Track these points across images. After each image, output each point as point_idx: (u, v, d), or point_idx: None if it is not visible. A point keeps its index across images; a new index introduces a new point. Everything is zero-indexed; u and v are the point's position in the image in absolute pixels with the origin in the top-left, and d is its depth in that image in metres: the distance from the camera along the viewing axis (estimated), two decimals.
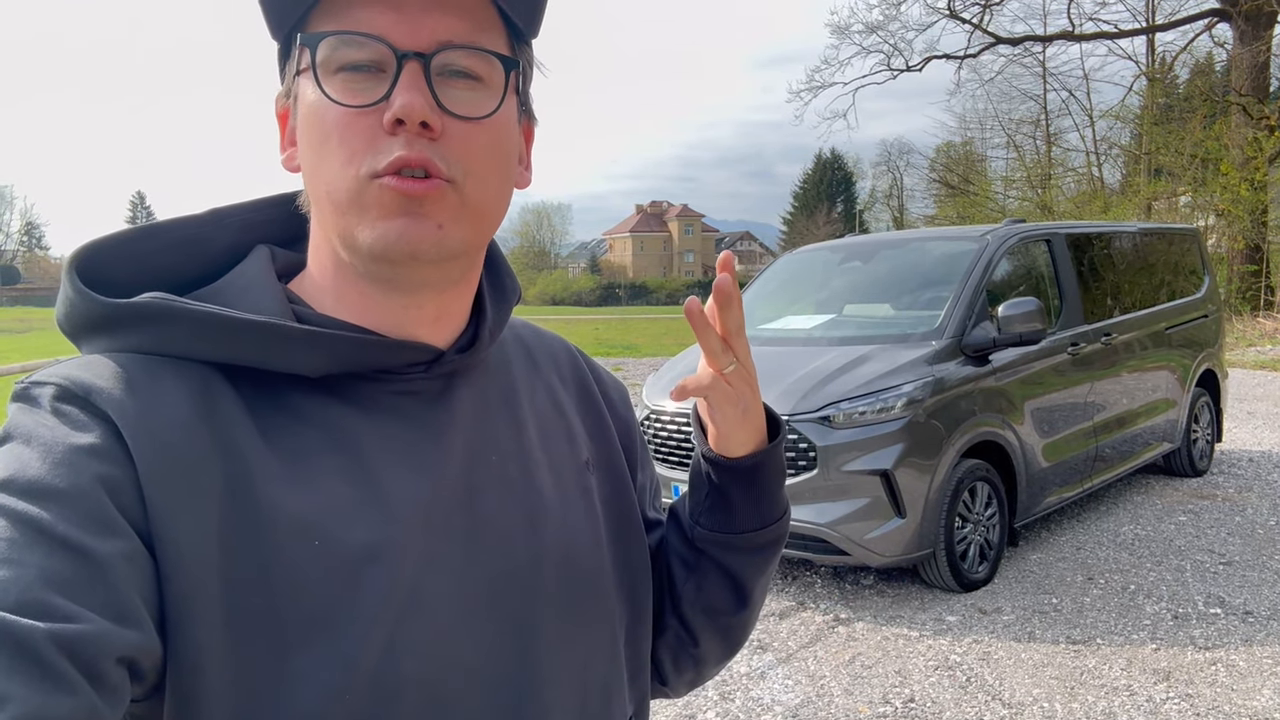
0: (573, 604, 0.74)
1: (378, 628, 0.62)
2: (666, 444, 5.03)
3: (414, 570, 0.65)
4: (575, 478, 0.80)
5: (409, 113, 0.62)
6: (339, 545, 0.62)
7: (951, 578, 4.59)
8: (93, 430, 0.58)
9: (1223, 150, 19.11)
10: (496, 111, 0.66)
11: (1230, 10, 19.04)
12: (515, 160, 0.72)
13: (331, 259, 0.70)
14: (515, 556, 0.72)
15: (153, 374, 0.63)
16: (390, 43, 0.62)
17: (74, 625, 0.50)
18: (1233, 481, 6.66)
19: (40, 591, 0.50)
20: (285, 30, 0.67)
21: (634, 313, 46.72)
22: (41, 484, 0.55)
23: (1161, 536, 5.42)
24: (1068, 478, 5.42)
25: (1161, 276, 6.86)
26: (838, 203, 76.75)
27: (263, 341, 0.65)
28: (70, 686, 0.49)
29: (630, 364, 16.90)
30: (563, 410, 0.84)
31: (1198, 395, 6.87)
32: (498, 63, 0.66)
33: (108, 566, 0.54)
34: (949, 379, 4.68)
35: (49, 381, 0.61)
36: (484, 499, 0.72)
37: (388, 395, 0.70)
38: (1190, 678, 3.63)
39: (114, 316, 0.65)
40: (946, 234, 6.32)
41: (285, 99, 0.70)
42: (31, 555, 0.51)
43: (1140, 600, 4.46)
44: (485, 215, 0.69)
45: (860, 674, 3.79)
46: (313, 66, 0.64)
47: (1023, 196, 29.93)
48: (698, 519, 0.85)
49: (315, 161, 0.66)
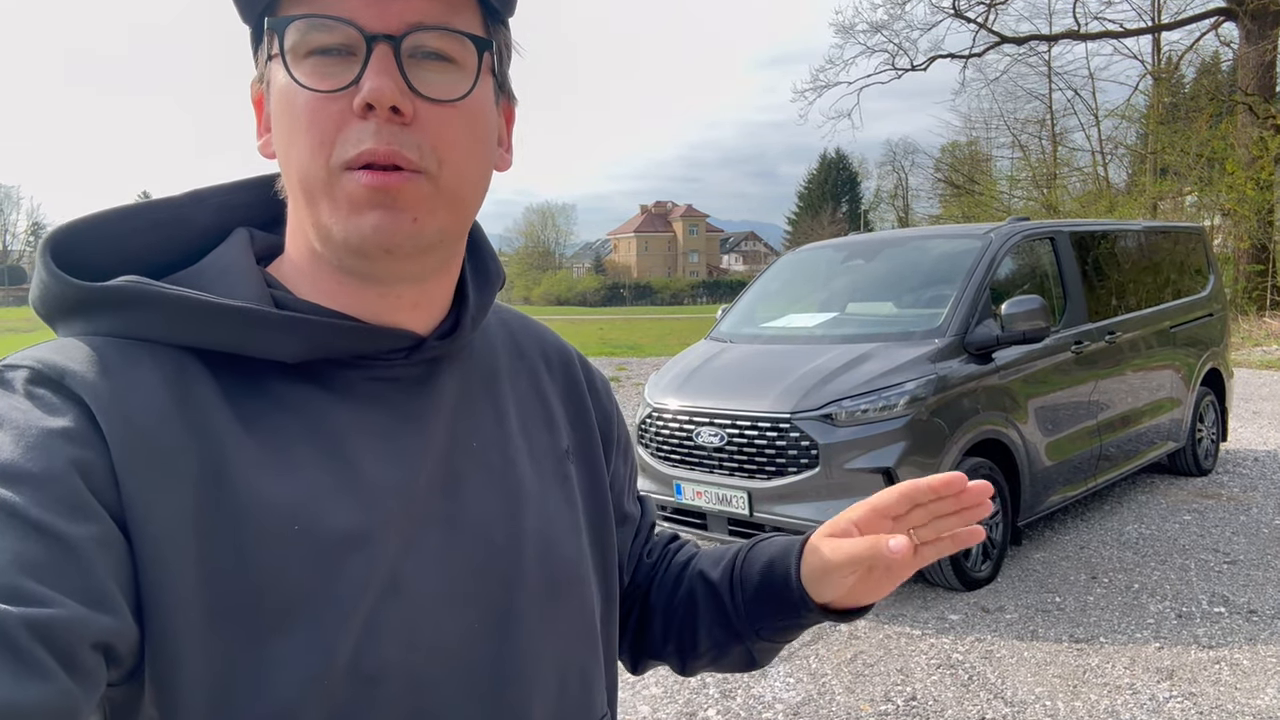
0: (552, 591, 0.74)
1: (356, 615, 0.62)
2: (669, 442, 5.02)
3: (393, 557, 0.65)
4: (555, 465, 0.80)
5: (379, 97, 0.61)
6: (318, 532, 0.62)
7: (954, 576, 4.58)
8: (66, 414, 0.57)
9: (1229, 150, 19.04)
10: (470, 93, 0.65)
11: (1236, 9, 18.96)
12: (494, 142, 0.71)
13: (307, 246, 0.69)
14: (495, 543, 0.71)
15: (128, 357, 0.62)
16: (359, 25, 0.61)
17: (47, 610, 0.49)
18: (1238, 481, 6.64)
19: (13, 576, 0.49)
20: (256, 14, 0.66)
21: (638, 313, 46.73)
22: (13, 467, 0.54)
23: (1166, 535, 5.40)
24: (1071, 476, 5.40)
25: (1166, 275, 6.83)
26: (843, 202, 76.67)
27: (240, 326, 0.64)
28: (44, 672, 0.48)
29: (634, 363, 16.91)
30: (545, 398, 0.84)
31: (1203, 394, 6.85)
32: (470, 44, 0.65)
33: (81, 551, 0.53)
34: (952, 377, 4.67)
35: (21, 365, 0.60)
36: (465, 486, 0.71)
37: (367, 382, 0.69)
38: (1194, 676, 3.61)
39: (88, 300, 0.64)
40: (949, 232, 6.31)
41: (259, 84, 0.69)
42: (3, 539, 0.51)
43: (1144, 599, 4.44)
44: (462, 203, 0.68)
45: (862, 672, 3.78)
46: (281, 51, 0.63)
47: (1028, 196, 29.85)
48: (759, 630, 0.86)
49: (286, 147, 0.65)
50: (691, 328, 27.38)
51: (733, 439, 4.68)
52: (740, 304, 6.35)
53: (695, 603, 0.90)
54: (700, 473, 4.84)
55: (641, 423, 5.25)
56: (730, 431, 4.69)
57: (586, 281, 74.01)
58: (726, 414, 4.74)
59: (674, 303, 65.13)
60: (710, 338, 5.98)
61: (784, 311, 6.13)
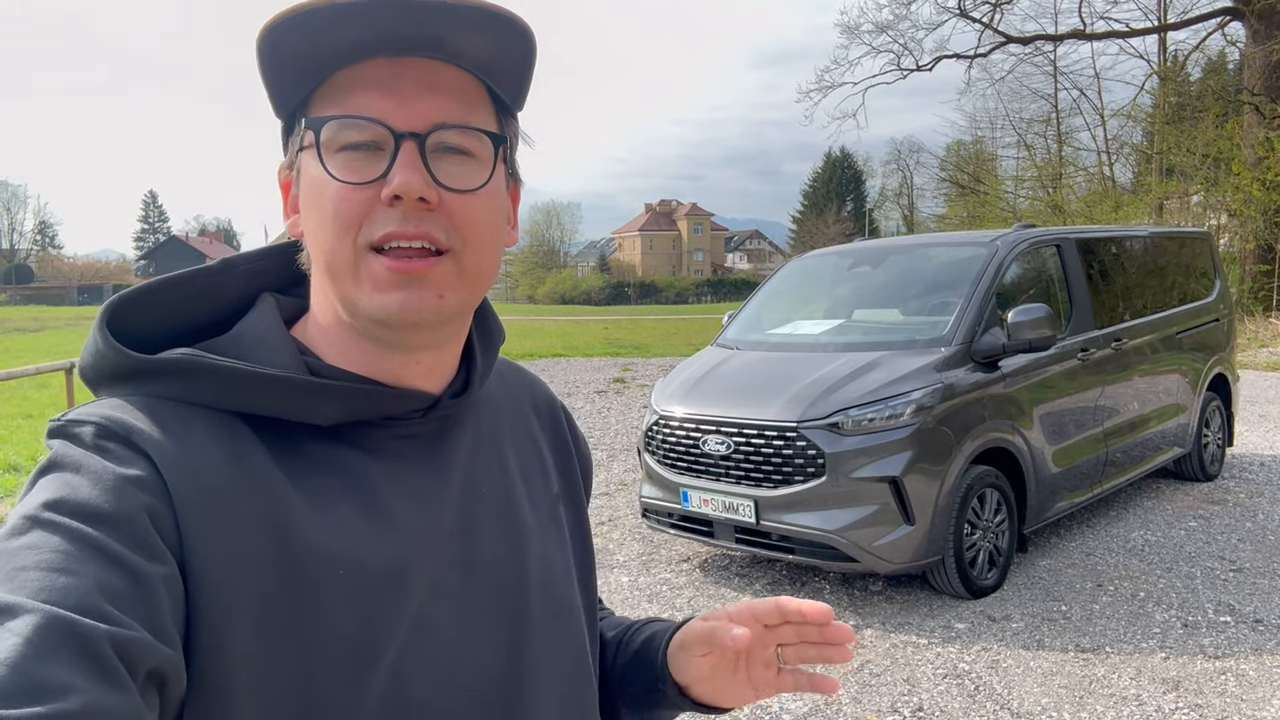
0: (553, 626, 0.81)
1: (388, 653, 0.67)
2: (675, 449, 5.04)
3: (421, 598, 0.71)
4: (549, 508, 0.87)
5: (407, 189, 0.67)
6: (360, 576, 0.67)
7: (960, 584, 4.59)
8: (136, 464, 0.63)
9: (1235, 150, 18.97)
10: (488, 184, 0.72)
11: (1243, 9, 18.90)
12: (505, 223, 0.77)
13: (333, 317, 0.74)
14: (505, 583, 0.78)
15: (184, 419, 0.67)
16: (388, 125, 0.68)
17: (126, 631, 0.54)
18: (1244, 486, 6.64)
19: (97, 599, 0.54)
20: (289, 110, 0.73)
21: (643, 312, 46.68)
22: (93, 505, 0.59)
23: (1172, 543, 5.41)
24: (1077, 483, 5.41)
25: (1172, 280, 6.84)
26: (847, 201, 76.62)
27: (282, 394, 0.70)
28: (123, 685, 0.52)
29: (639, 364, 16.90)
30: (538, 445, 0.91)
31: (1209, 399, 6.85)
32: (486, 139, 0.72)
33: (150, 586, 0.58)
34: (958, 385, 4.68)
35: (88, 420, 0.65)
36: (478, 531, 0.78)
37: (391, 439, 0.75)
38: (1200, 687, 3.63)
39: (144, 369, 0.69)
40: (956, 239, 6.32)
41: (288, 170, 0.75)
42: (86, 566, 0.56)
43: (1150, 608, 4.45)
44: (480, 279, 0.74)
45: (869, 682, 3.80)
46: (316, 146, 0.69)
47: (1033, 196, 29.78)
48: (625, 698, 0.94)
49: (316, 231, 0.71)
50: (696, 327, 27.39)
51: (739, 447, 4.70)
52: (746, 310, 6.36)
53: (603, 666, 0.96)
54: (707, 480, 4.85)
55: (648, 430, 5.27)
56: (737, 439, 4.71)
57: (591, 280, 73.99)
58: (733, 422, 4.76)
59: (679, 301, 65.08)
60: (717, 344, 5.99)
61: (790, 318, 6.15)
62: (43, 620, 0.51)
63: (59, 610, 0.52)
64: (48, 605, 0.52)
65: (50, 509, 0.58)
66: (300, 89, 0.71)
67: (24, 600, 0.52)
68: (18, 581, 0.54)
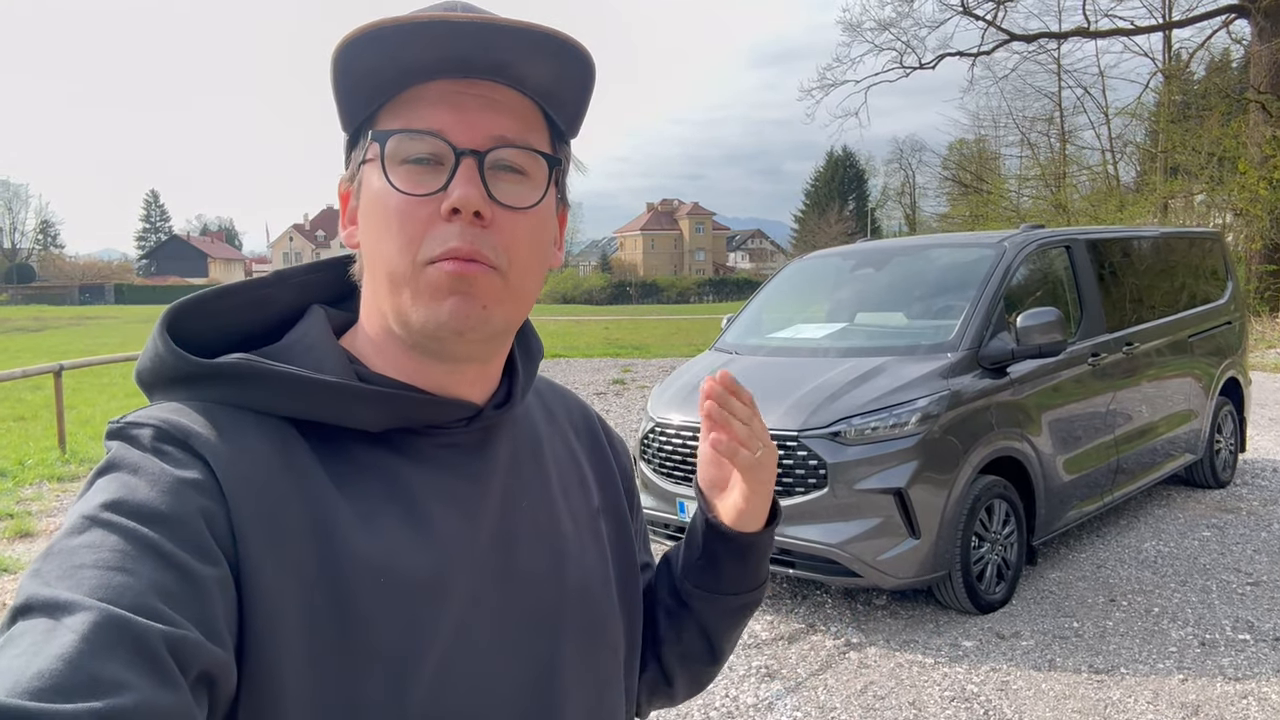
0: (590, 643, 0.81)
1: (428, 662, 0.68)
2: (672, 458, 4.87)
3: (460, 610, 0.71)
4: (589, 522, 0.88)
5: (465, 203, 0.69)
6: (401, 584, 0.68)
7: (968, 599, 4.42)
8: (193, 468, 0.64)
9: (1240, 149, 18.78)
10: (540, 203, 0.74)
11: (1249, 6, 18.70)
12: (551, 244, 0.79)
13: (383, 327, 0.76)
14: (543, 596, 0.78)
15: (238, 424, 0.69)
16: (449, 140, 0.70)
17: (179, 631, 0.55)
18: (1257, 493, 6.46)
19: (152, 599, 0.55)
20: (356, 124, 0.76)
21: (645, 311, 46.46)
22: (150, 507, 0.60)
23: (1185, 554, 5.24)
24: (1088, 492, 5.24)
25: (1183, 281, 6.66)
26: (850, 200, 76.50)
27: (335, 400, 0.71)
28: (176, 684, 0.53)
29: (640, 365, 16.74)
30: (577, 459, 0.92)
31: (1221, 404, 6.67)
32: (542, 160, 0.74)
33: (205, 587, 0.59)
34: (965, 393, 4.51)
35: (146, 423, 0.67)
36: (517, 543, 0.78)
37: (434, 448, 0.76)
38: (1220, 712, 3.45)
39: (202, 373, 0.71)
40: (962, 240, 6.12)
41: (349, 183, 0.78)
42: (142, 566, 0.57)
43: (1165, 624, 4.28)
44: (525, 297, 0.76)
45: (873, 705, 3.63)
46: (380, 159, 0.72)
47: (1037, 195, 29.61)
48: (687, 575, 0.95)
49: (376, 242, 0.73)
50: (698, 327, 27.23)
51: None
52: (746, 313, 6.19)
53: (654, 585, 0.99)
54: None
55: (644, 437, 5.10)
56: None
57: (593, 279, 73.68)
58: None
59: (680, 301, 64.86)
60: (715, 348, 5.83)
61: (791, 321, 5.98)
62: (99, 618, 0.52)
63: (115, 609, 0.53)
64: (104, 604, 0.53)
65: (109, 509, 0.59)
66: (369, 105, 0.73)
67: (81, 598, 0.53)
68: (76, 579, 0.55)
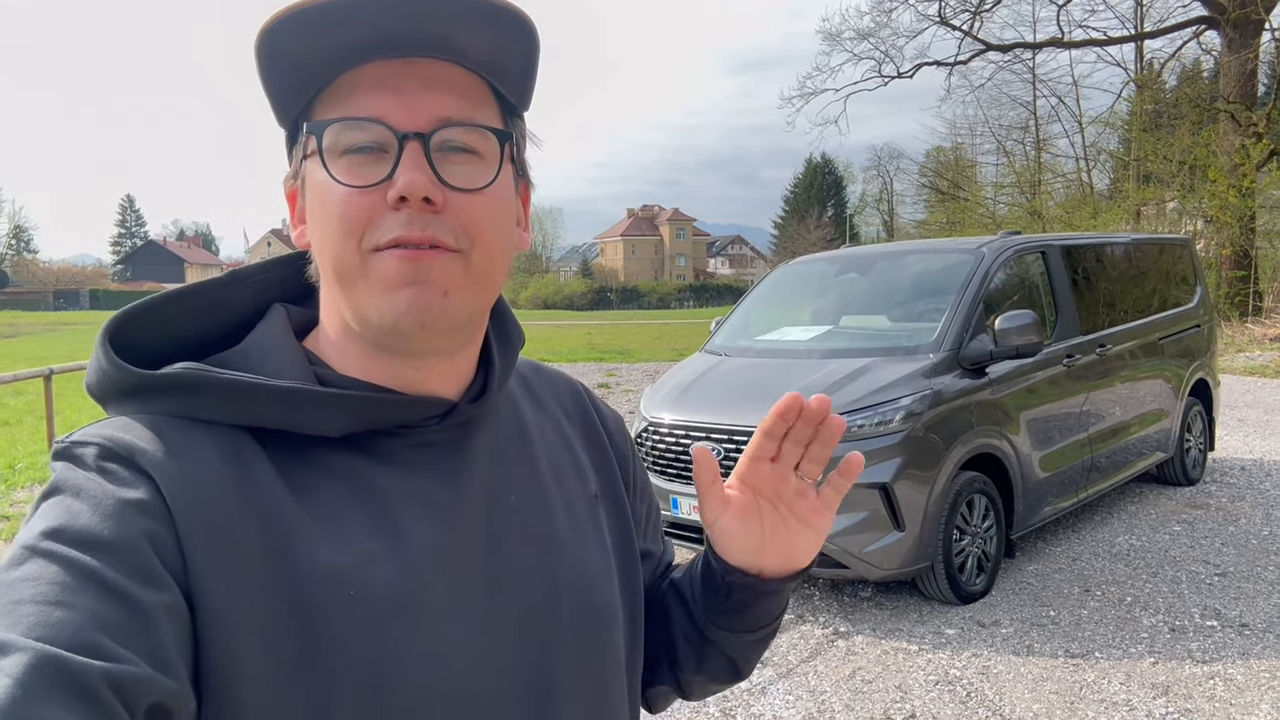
0: (588, 639, 0.77)
1: (405, 678, 0.65)
2: (664, 456, 5.03)
3: (437, 619, 0.67)
4: (587, 511, 0.83)
5: (412, 190, 0.65)
6: (370, 597, 0.65)
7: (950, 590, 4.61)
8: (138, 488, 0.61)
9: (1211, 157, 19.20)
10: (494, 182, 0.69)
11: (1218, 18, 19.15)
12: (514, 224, 0.74)
13: (342, 326, 0.72)
14: (534, 598, 0.74)
15: (189, 437, 0.65)
16: (391, 125, 0.66)
17: (122, 666, 0.53)
18: (1225, 490, 6.70)
19: (92, 634, 0.53)
20: (292, 118, 0.71)
21: (626, 317, 46.65)
22: (91, 534, 0.57)
23: (1157, 547, 5.45)
24: (1063, 489, 5.44)
25: (1154, 286, 6.90)
26: (829, 207, 76.95)
27: (290, 406, 0.68)
28: None
29: (624, 369, 16.88)
30: (570, 444, 0.87)
31: (1190, 404, 6.91)
32: (492, 136, 0.69)
33: (151, 616, 0.56)
34: (946, 392, 4.69)
35: (91, 441, 0.64)
36: (504, 543, 0.74)
37: (405, 448, 0.72)
38: (1189, 692, 3.65)
39: (148, 385, 0.67)
40: (943, 246, 6.34)
41: (293, 181, 0.73)
42: (82, 599, 0.54)
43: (1137, 613, 4.48)
44: (489, 281, 0.71)
45: (861, 689, 3.80)
46: (319, 151, 0.67)
47: (1013, 202, 30.04)
48: (714, 619, 0.87)
49: (322, 238, 0.69)
50: (680, 332, 27.41)
51: (729, 454, 4.69)
52: (734, 316, 6.36)
53: (669, 609, 0.93)
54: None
55: (637, 437, 5.25)
56: (726, 446, 4.70)
57: (574, 285, 73.76)
58: (722, 428, 4.75)
59: (661, 306, 65.07)
60: (705, 350, 5.99)
61: (778, 324, 6.15)
62: (34, 660, 0.50)
63: (52, 648, 0.51)
64: (40, 643, 0.51)
65: (49, 538, 0.57)
66: (301, 96, 0.69)
67: (17, 638, 0.51)
68: (13, 617, 0.52)
